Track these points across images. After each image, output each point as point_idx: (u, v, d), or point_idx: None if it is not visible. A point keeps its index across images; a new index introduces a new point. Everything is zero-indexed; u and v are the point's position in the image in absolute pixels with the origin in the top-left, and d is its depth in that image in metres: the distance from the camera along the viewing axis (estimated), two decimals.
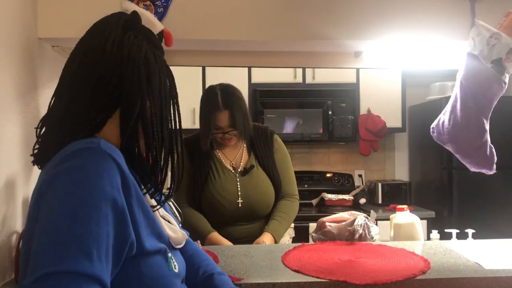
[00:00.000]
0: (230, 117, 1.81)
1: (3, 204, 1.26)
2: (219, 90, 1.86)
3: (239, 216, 1.86)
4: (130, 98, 0.85)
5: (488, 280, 1.28)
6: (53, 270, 0.66)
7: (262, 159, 1.91)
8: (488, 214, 2.99)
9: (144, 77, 0.87)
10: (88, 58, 0.87)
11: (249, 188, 1.86)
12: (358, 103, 3.48)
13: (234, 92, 1.87)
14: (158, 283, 0.82)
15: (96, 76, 0.85)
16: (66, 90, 0.88)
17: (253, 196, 1.86)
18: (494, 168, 1.61)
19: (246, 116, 1.87)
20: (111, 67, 0.85)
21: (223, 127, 1.83)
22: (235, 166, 1.91)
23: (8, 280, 1.25)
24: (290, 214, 1.93)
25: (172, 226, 0.96)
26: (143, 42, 0.90)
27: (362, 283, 1.23)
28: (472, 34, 1.58)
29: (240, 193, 1.85)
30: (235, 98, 1.85)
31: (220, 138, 1.88)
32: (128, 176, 0.80)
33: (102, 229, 0.71)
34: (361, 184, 3.70)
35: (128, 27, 0.91)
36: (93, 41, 0.89)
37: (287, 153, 2.01)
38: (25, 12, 1.43)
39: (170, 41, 1.46)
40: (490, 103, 1.57)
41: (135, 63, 0.86)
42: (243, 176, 1.88)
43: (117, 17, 0.93)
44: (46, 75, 1.53)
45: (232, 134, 1.86)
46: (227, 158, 1.93)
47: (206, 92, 1.91)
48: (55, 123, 0.88)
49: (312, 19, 1.59)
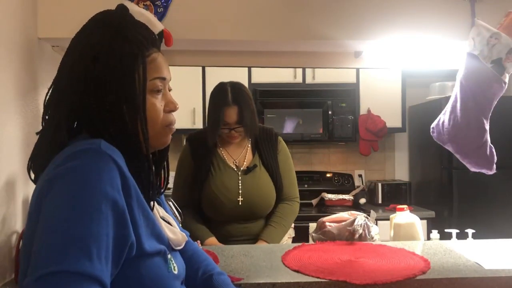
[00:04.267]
0: (239, 113, 1.82)
1: (3, 204, 1.26)
2: (229, 86, 1.88)
3: (238, 214, 1.86)
4: (100, 96, 0.84)
5: (488, 280, 1.28)
6: (54, 269, 0.66)
7: (265, 159, 1.92)
8: (488, 214, 2.99)
9: (108, 75, 0.84)
10: (66, 56, 0.90)
11: (250, 187, 1.86)
12: (358, 103, 3.48)
13: (243, 89, 1.89)
14: (157, 284, 0.82)
15: (65, 73, 0.87)
16: (52, 93, 0.90)
17: (254, 195, 1.86)
18: (494, 168, 1.61)
19: (254, 114, 1.89)
20: (75, 62, 0.87)
21: (230, 122, 1.84)
22: (238, 165, 1.91)
23: (8, 280, 1.25)
24: (288, 219, 1.93)
25: (171, 227, 0.96)
26: (104, 38, 0.86)
27: (362, 283, 1.23)
28: (472, 34, 1.58)
29: (241, 191, 1.85)
30: (245, 95, 1.87)
31: (226, 134, 1.88)
32: (128, 177, 0.80)
33: (103, 230, 0.71)
34: (361, 184, 3.70)
35: (104, 22, 0.90)
36: (74, 41, 0.92)
37: (289, 155, 2.02)
38: (25, 12, 1.43)
39: (170, 41, 1.45)
40: (490, 103, 1.57)
41: (83, 60, 0.85)
42: (245, 175, 1.88)
43: (96, 17, 0.93)
44: (46, 75, 1.53)
45: (238, 131, 1.86)
46: (230, 157, 1.93)
47: (216, 87, 1.92)
48: (43, 126, 0.89)
49: (312, 19, 1.59)
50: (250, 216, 1.88)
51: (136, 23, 0.92)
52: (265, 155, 1.92)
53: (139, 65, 0.85)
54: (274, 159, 1.93)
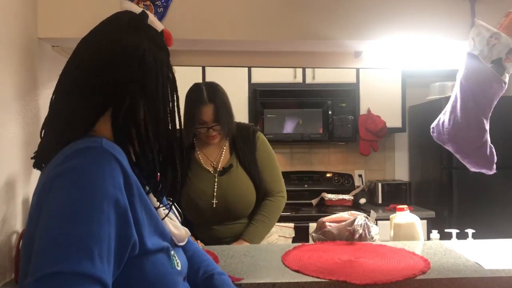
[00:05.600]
0: (215, 111, 1.82)
1: (3, 204, 1.26)
2: (204, 85, 1.89)
3: (217, 216, 1.86)
4: (120, 96, 0.83)
5: (488, 280, 1.28)
6: (55, 270, 0.65)
7: (242, 158, 1.90)
8: (488, 214, 2.99)
9: (137, 77, 0.85)
10: (85, 55, 0.87)
11: (226, 187, 1.86)
12: (358, 103, 3.48)
13: (219, 88, 1.90)
14: (162, 281, 0.82)
15: (88, 73, 0.84)
16: (61, 88, 0.88)
17: (230, 196, 1.85)
18: (494, 168, 1.61)
19: (230, 113, 1.89)
20: (105, 64, 0.84)
21: (207, 121, 1.83)
22: (215, 166, 1.90)
23: (8, 280, 1.25)
24: (271, 215, 1.92)
25: (174, 223, 0.96)
26: (143, 42, 0.88)
27: (362, 283, 1.24)
28: (472, 34, 1.58)
29: (216, 194, 1.85)
30: (220, 93, 1.87)
31: (205, 135, 1.87)
32: (131, 176, 0.79)
33: (104, 230, 0.71)
34: (361, 184, 3.70)
35: (131, 25, 0.90)
36: (92, 39, 0.89)
37: (271, 150, 1.99)
38: (25, 12, 1.43)
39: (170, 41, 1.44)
40: (490, 103, 1.57)
41: (129, 61, 0.85)
42: (221, 176, 1.88)
43: (121, 15, 0.92)
44: (46, 75, 1.53)
45: (216, 130, 1.85)
46: (207, 159, 1.92)
47: (191, 88, 1.91)
48: (51, 123, 0.87)
49: (312, 19, 1.59)
50: (229, 217, 1.88)
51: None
52: (242, 154, 1.91)
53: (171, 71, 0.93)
54: (251, 157, 1.91)
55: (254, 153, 1.92)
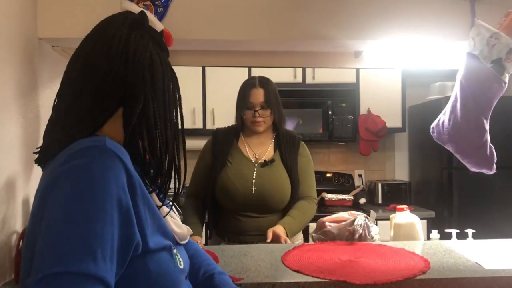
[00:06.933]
0: (265, 95, 1.91)
1: (3, 204, 1.26)
2: (257, 76, 2.01)
3: (251, 204, 1.87)
4: (133, 98, 0.84)
5: (488, 280, 1.28)
6: (58, 270, 0.65)
7: (285, 156, 1.95)
8: (488, 214, 2.99)
9: (148, 78, 0.86)
10: (92, 56, 0.87)
11: (265, 177, 1.89)
12: (358, 103, 3.48)
13: (271, 80, 2.02)
14: (165, 279, 0.82)
15: (100, 74, 0.84)
16: (69, 88, 0.87)
17: (267, 186, 1.88)
18: (494, 168, 1.61)
19: (279, 104, 1.98)
20: (115, 66, 0.84)
21: (255, 103, 1.91)
22: (257, 158, 1.95)
23: (8, 280, 1.25)
24: (306, 215, 1.95)
25: (176, 221, 0.96)
26: (148, 43, 0.89)
27: (362, 283, 1.24)
28: (472, 34, 1.58)
29: (255, 181, 1.88)
30: (271, 83, 1.99)
31: (251, 120, 1.93)
32: (134, 175, 0.79)
33: (107, 230, 0.70)
34: (361, 184, 3.70)
35: (134, 26, 0.90)
36: (98, 39, 0.88)
37: (311, 159, 2.05)
38: (25, 12, 1.43)
39: (170, 41, 1.44)
40: (490, 103, 1.57)
41: (140, 63, 0.86)
42: (261, 167, 1.92)
43: (124, 16, 0.92)
44: (46, 75, 1.53)
45: (262, 116, 1.91)
46: (252, 150, 1.97)
47: (245, 80, 2.04)
48: (57, 121, 0.87)
49: (312, 19, 1.59)
50: (262, 207, 1.89)
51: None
52: (285, 153, 1.96)
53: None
54: (293, 158, 1.96)
55: (296, 156, 1.98)
